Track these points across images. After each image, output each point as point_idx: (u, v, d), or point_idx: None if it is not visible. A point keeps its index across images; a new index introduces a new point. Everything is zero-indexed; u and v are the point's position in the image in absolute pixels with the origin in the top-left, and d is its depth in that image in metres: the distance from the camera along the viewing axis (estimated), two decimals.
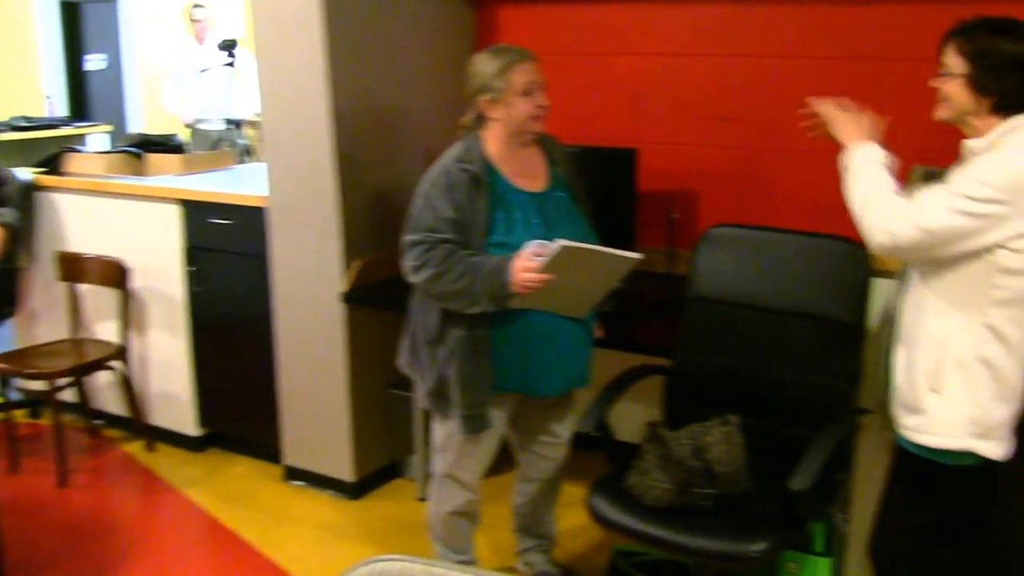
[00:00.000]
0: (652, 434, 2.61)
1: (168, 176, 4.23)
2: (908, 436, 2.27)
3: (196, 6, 6.42)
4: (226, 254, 3.87)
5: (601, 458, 2.81)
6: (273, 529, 3.54)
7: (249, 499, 3.78)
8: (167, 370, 4.14)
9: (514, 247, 2.57)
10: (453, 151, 2.69)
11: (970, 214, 2.06)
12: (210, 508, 3.70)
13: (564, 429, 2.96)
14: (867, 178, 2.21)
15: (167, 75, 6.65)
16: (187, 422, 4.15)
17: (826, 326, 2.73)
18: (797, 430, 2.66)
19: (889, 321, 2.42)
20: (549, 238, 2.53)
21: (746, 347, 2.84)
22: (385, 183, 3.63)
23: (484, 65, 2.64)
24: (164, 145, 4.49)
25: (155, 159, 4.35)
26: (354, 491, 3.75)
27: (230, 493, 3.82)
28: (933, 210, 2.09)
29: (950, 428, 2.20)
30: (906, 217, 2.11)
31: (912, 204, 2.12)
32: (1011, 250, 2.08)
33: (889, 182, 2.19)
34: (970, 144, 2.18)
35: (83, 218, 4.24)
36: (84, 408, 4.32)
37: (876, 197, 2.17)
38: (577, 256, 2.51)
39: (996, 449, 2.21)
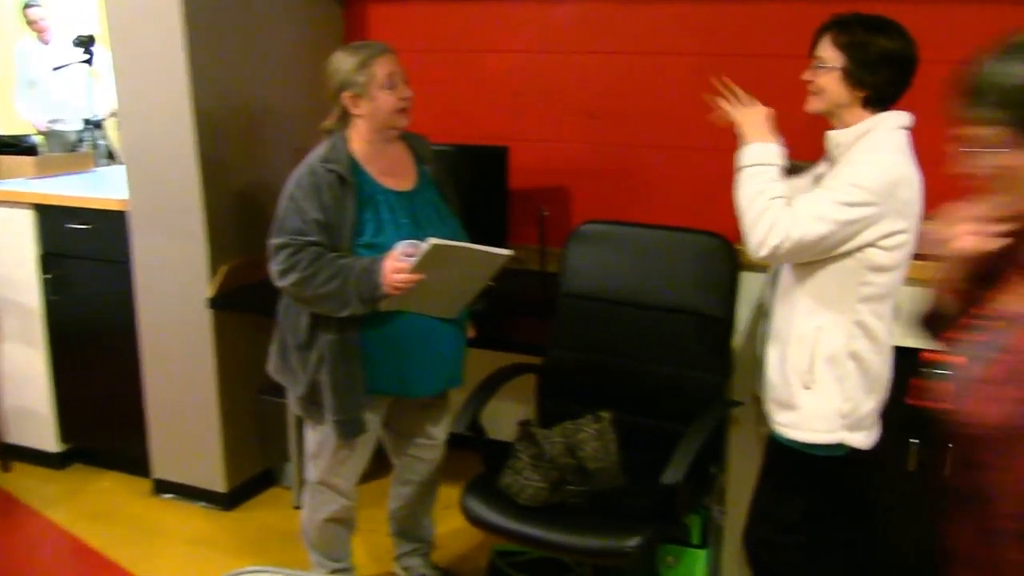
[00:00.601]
0: (524, 433, 2.61)
1: (20, 180, 4.02)
2: (781, 432, 2.32)
3: (29, 6, 6.09)
4: (85, 260, 3.70)
5: (478, 459, 2.79)
6: (143, 546, 3.41)
7: (116, 516, 3.62)
8: (23, 384, 3.93)
9: (384, 248, 2.53)
10: (318, 150, 2.62)
11: (846, 221, 2.10)
12: (74, 528, 3.53)
13: (439, 431, 2.94)
14: (755, 184, 2.18)
15: (15, 78, 6.32)
16: (46, 438, 3.95)
17: (696, 320, 2.77)
18: (669, 425, 2.68)
19: (764, 317, 2.47)
20: (419, 238, 2.50)
21: (617, 343, 2.86)
22: (251, 184, 3.53)
23: (343, 62, 2.58)
24: (15, 147, 4.27)
25: (6, 161, 4.13)
26: (227, 502, 3.64)
27: (95, 511, 3.66)
28: (810, 221, 2.10)
29: (822, 422, 2.25)
30: (784, 231, 2.10)
31: (790, 215, 2.11)
32: (881, 248, 2.14)
33: (775, 189, 2.16)
34: (833, 136, 2.23)
35: None
36: None
37: (759, 208, 2.15)
38: (448, 254, 2.49)
39: (865, 439, 2.28)
